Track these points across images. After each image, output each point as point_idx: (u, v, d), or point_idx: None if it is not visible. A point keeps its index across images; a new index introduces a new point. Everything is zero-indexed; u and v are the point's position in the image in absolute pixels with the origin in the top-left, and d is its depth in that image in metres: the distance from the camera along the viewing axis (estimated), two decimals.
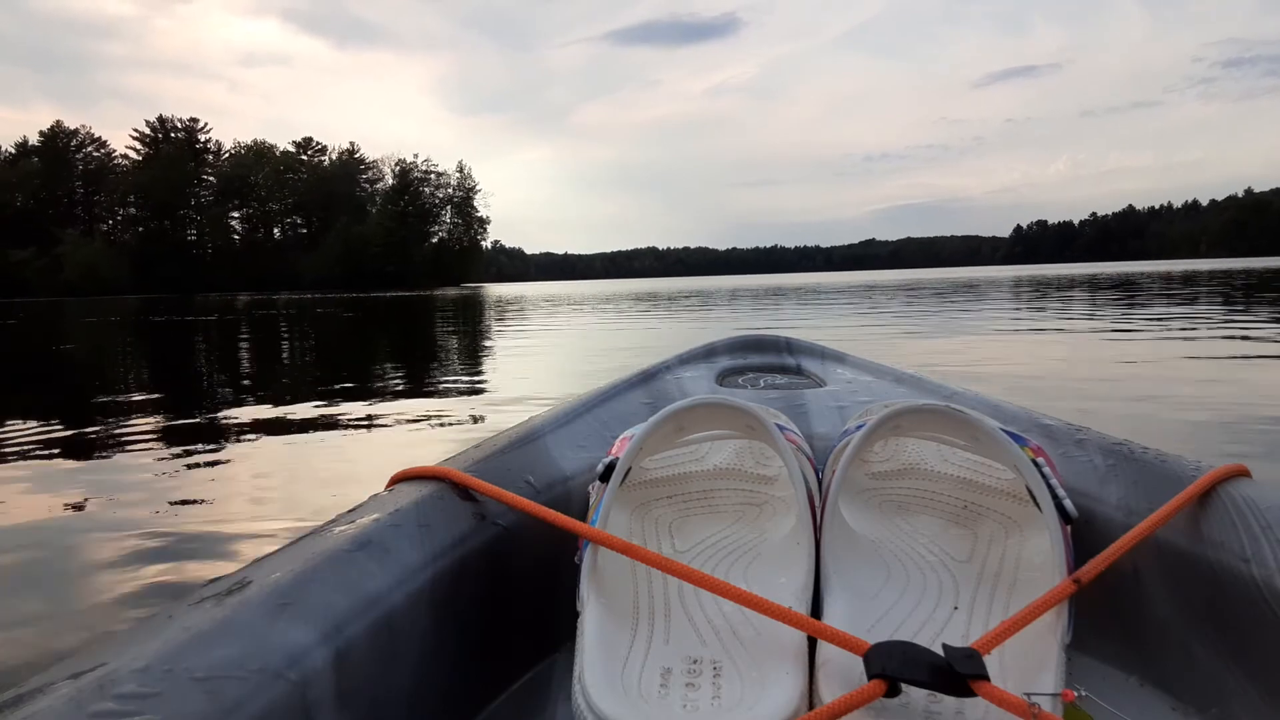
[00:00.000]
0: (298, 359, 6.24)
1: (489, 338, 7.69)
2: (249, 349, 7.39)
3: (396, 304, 20.34)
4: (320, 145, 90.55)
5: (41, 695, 0.35)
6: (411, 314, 14.09)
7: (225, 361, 6.17)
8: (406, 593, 0.52)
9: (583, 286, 53.99)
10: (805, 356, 1.30)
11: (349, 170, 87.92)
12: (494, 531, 0.63)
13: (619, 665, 0.53)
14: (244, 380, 4.71)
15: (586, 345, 6.47)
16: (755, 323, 8.61)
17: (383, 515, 0.57)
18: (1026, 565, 0.63)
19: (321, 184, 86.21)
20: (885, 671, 0.44)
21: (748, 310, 11.40)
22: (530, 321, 10.10)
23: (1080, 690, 0.48)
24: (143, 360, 6.49)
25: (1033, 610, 0.50)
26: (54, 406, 3.75)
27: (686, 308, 12.77)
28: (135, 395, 4.12)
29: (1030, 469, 0.59)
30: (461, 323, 10.57)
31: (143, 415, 3.36)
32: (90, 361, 6.39)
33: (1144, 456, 0.71)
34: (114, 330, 11.13)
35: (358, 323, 11.54)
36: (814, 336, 1.42)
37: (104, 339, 9.30)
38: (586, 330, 8.19)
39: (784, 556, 0.64)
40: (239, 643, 0.41)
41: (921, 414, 0.64)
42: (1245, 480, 0.62)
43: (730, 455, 0.80)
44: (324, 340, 8.30)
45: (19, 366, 6.07)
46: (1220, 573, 0.57)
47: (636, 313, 11.60)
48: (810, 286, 25.85)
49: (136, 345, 8.27)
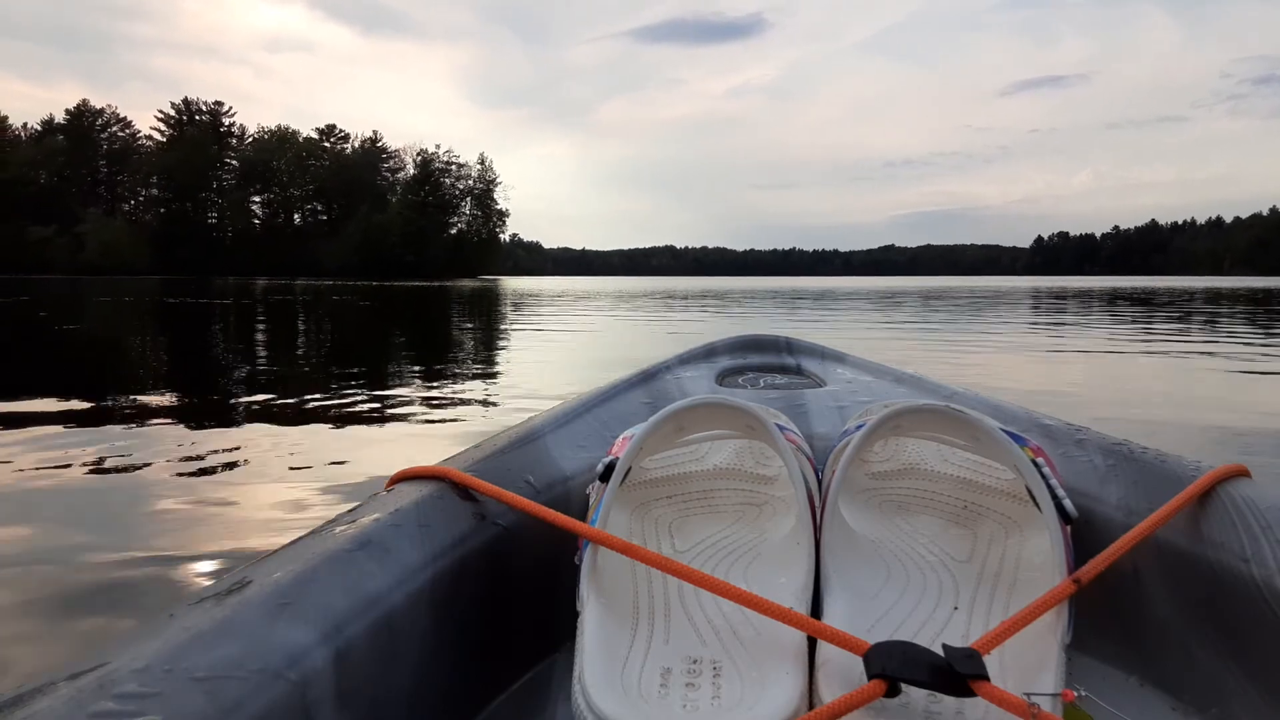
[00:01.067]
0: (309, 348, 6.10)
1: (504, 331, 7.61)
2: (259, 335, 7.28)
3: (414, 294, 20.22)
4: (343, 133, 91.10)
5: (41, 695, 0.35)
6: (428, 304, 13.92)
7: (234, 347, 5.97)
8: (406, 593, 0.52)
9: (599, 283, 53.94)
10: (805, 356, 1.29)
11: (370, 159, 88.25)
12: (494, 531, 0.64)
13: (619, 665, 0.53)
14: (245, 368, 4.57)
15: (605, 344, 6.34)
16: (775, 329, 8.30)
17: (383, 515, 0.57)
18: (1026, 565, 0.63)
19: (343, 171, 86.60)
20: (885, 671, 0.44)
21: (763, 314, 11.08)
22: (546, 317, 9.91)
23: (1080, 690, 0.48)
24: (147, 344, 6.25)
25: (1033, 610, 0.50)
26: (36, 389, 3.49)
27: (706, 309, 12.48)
28: (125, 380, 3.92)
29: (1030, 469, 0.59)
30: (477, 315, 10.49)
31: (127, 401, 3.20)
32: (90, 344, 6.05)
33: (1144, 456, 0.71)
34: (125, 311, 10.73)
35: (374, 311, 11.37)
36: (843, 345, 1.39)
37: (113, 320, 8.95)
38: (606, 328, 8.05)
39: (784, 556, 0.64)
40: (239, 643, 0.41)
41: (921, 414, 0.64)
42: (1245, 480, 0.62)
43: (730, 455, 0.80)
44: (338, 329, 8.18)
45: (8, 348, 5.74)
46: (1220, 573, 0.57)
47: (650, 310, 11.35)
48: (827, 291, 25.55)
49: (144, 328, 7.92)
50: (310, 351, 5.80)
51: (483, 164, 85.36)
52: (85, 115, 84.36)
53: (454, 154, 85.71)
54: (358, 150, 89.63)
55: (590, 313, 10.68)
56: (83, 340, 6.35)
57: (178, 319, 9.31)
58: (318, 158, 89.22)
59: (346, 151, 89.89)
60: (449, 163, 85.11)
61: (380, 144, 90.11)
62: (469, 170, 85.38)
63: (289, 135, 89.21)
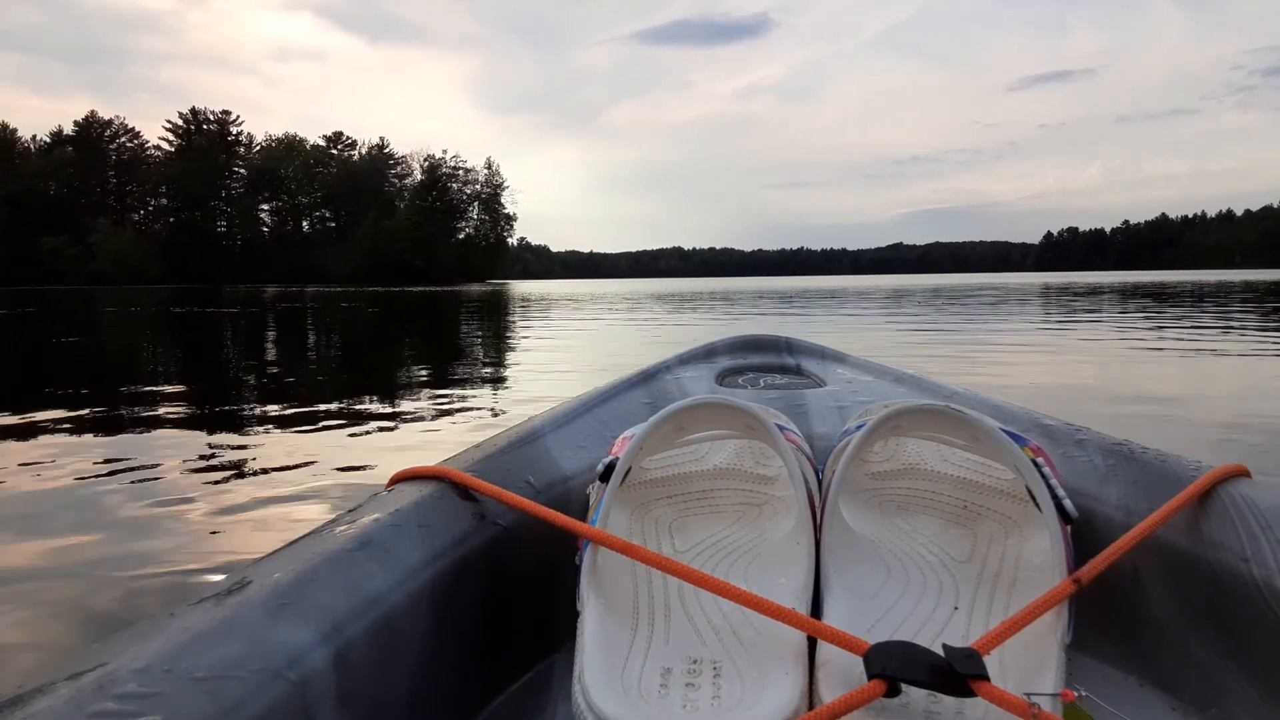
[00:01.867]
0: (319, 355, 6.10)
1: (510, 336, 7.63)
2: (266, 344, 7.34)
3: (422, 299, 20.23)
4: (350, 140, 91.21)
5: (41, 695, 0.35)
6: (435, 310, 13.93)
7: (239, 356, 5.98)
8: (406, 593, 0.52)
9: (607, 285, 54.02)
10: (805, 356, 1.29)
11: (378, 165, 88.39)
12: (494, 531, 0.64)
13: (619, 665, 0.53)
14: (252, 377, 4.61)
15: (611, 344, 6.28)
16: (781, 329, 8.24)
17: (383, 515, 0.57)
18: (1026, 565, 0.63)
19: (351, 178, 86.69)
20: (885, 671, 0.44)
21: (769, 314, 11.00)
22: (553, 321, 9.90)
23: (1080, 690, 0.48)
24: (147, 354, 6.28)
25: (1033, 610, 0.50)
26: (21, 401, 3.50)
27: (711, 310, 12.42)
28: (129, 389, 3.96)
29: (1030, 469, 0.59)
30: (484, 320, 10.49)
31: (116, 414, 3.20)
32: (88, 355, 6.12)
33: (1144, 456, 0.71)
34: (130, 321, 10.98)
35: (381, 319, 11.38)
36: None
37: (117, 330, 9.12)
38: (612, 329, 7.97)
39: (784, 556, 0.64)
40: (239, 643, 0.41)
41: (921, 414, 0.64)
42: (1245, 480, 0.62)
43: (730, 455, 0.79)
44: (346, 335, 8.19)
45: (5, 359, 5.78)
46: (1220, 572, 0.57)
47: (658, 312, 11.30)
48: (835, 290, 25.48)
49: (148, 338, 8.09)
50: (322, 358, 5.84)
51: (490, 168, 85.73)
52: (94, 126, 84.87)
53: (461, 159, 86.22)
54: (365, 157, 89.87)
55: (596, 316, 10.66)
56: (78, 352, 6.34)
57: (184, 329, 9.37)
58: (326, 165, 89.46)
59: (354, 158, 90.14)
60: (456, 168, 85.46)
61: (387, 150, 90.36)
62: (476, 175, 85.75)
63: (297, 143, 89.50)
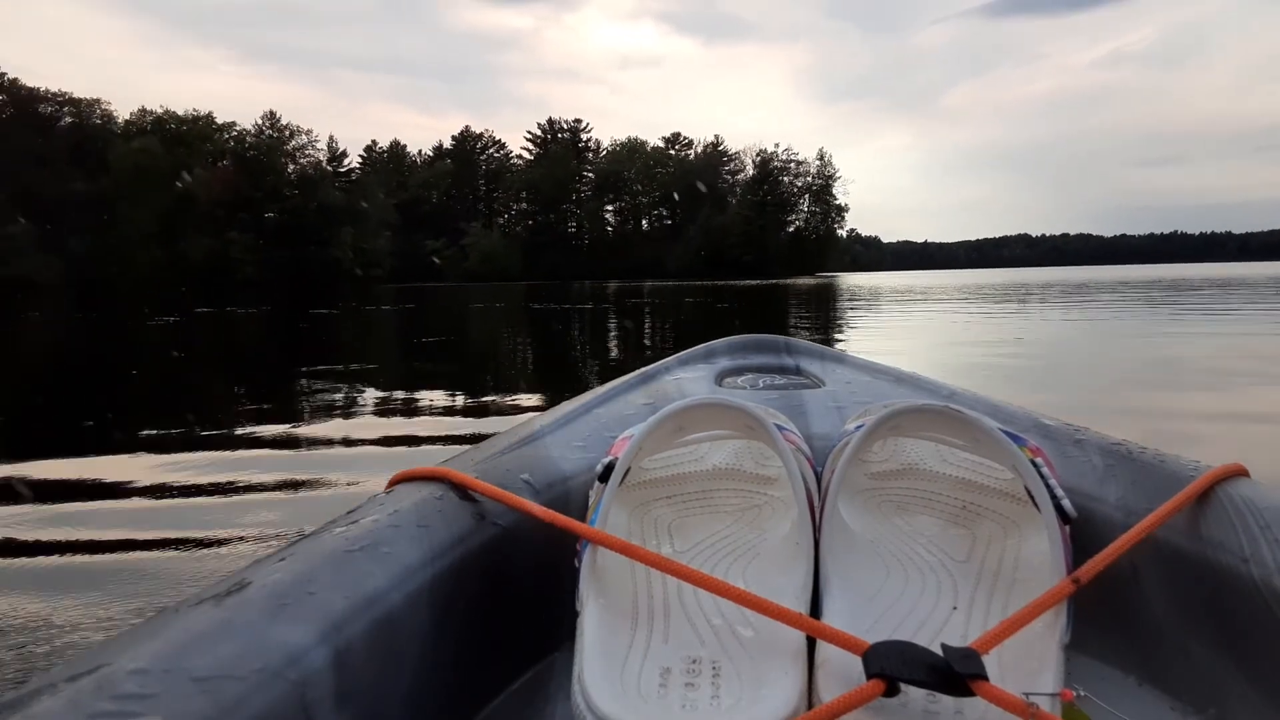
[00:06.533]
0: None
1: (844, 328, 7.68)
2: (644, 338, 7.83)
3: (757, 293, 20.14)
4: (687, 140, 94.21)
5: (41, 696, 0.35)
6: (773, 303, 13.66)
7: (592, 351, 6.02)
8: (406, 593, 0.52)
9: (942, 277, 51.11)
10: (804, 357, 1.28)
11: (712, 163, 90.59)
12: (494, 532, 0.64)
13: (618, 665, 0.53)
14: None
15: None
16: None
17: (382, 516, 0.57)
18: (1025, 565, 0.63)
19: (686, 176, 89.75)
20: (884, 671, 0.44)
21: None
22: (883, 312, 9.17)
23: (1079, 690, 0.48)
24: (513, 349, 6.64)
25: (1031, 610, 0.50)
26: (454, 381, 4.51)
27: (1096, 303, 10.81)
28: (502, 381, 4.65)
29: (1029, 469, 0.59)
30: (814, 312, 10.00)
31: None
32: (469, 348, 6.69)
33: (1142, 456, 0.71)
34: (496, 317, 12.09)
35: (731, 313, 11.34)
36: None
37: (484, 325, 9.95)
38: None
39: (783, 556, 0.64)
40: (238, 643, 0.41)
41: (921, 414, 0.64)
42: (1244, 480, 0.62)
43: (730, 455, 0.79)
44: (702, 330, 8.11)
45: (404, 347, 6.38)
46: (1219, 572, 0.57)
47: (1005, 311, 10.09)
48: (1219, 280, 21.28)
49: (511, 333, 9.15)
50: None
51: (821, 159, 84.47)
52: (468, 140, 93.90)
53: (792, 151, 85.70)
54: (700, 156, 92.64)
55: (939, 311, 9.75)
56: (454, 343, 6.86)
57: (542, 324, 10.46)
58: (664, 165, 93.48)
59: (690, 158, 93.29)
60: (787, 161, 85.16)
61: (721, 148, 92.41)
62: (807, 167, 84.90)
63: (638, 146, 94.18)
